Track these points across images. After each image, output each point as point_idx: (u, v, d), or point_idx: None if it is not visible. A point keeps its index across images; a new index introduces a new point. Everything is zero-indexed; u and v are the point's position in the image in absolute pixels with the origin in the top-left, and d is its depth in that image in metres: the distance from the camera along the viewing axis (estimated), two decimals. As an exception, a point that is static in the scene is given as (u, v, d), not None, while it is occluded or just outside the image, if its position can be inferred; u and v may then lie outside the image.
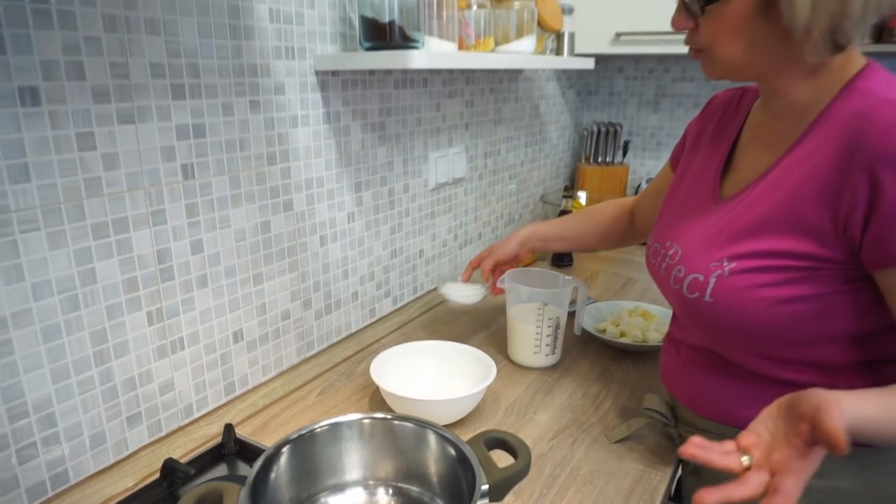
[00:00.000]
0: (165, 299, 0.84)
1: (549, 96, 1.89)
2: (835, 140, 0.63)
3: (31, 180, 0.68)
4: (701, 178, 0.82)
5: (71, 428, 0.76)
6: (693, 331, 0.80)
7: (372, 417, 0.68)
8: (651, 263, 0.86)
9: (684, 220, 0.80)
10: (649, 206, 1.04)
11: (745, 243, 0.68)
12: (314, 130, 1.03)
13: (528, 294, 1.09)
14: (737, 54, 0.67)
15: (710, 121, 0.87)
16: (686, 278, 0.74)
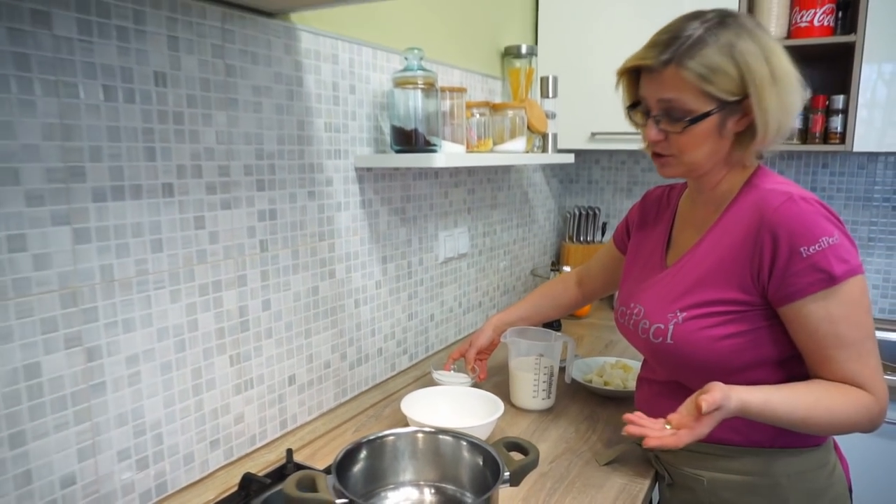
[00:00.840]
0: (242, 346, 1.06)
1: (536, 184, 2.19)
2: (744, 219, 0.89)
3: (164, 250, 0.91)
4: (651, 255, 1.08)
5: (172, 446, 0.96)
6: (660, 369, 1.03)
7: (422, 431, 0.89)
8: (620, 323, 1.09)
9: (641, 286, 1.05)
10: (597, 275, 1.32)
11: (690, 297, 0.94)
12: (353, 214, 1.29)
13: (526, 347, 1.31)
14: (699, 160, 0.90)
15: (649, 210, 1.15)
16: (651, 328, 0.98)
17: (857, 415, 0.84)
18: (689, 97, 0.86)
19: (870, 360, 0.85)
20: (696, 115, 0.86)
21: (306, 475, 0.77)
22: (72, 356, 0.81)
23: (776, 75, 0.85)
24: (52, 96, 0.76)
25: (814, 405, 0.84)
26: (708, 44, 0.84)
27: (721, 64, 0.84)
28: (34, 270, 0.76)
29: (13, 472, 0.76)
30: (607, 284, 1.33)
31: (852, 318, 0.84)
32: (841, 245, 0.83)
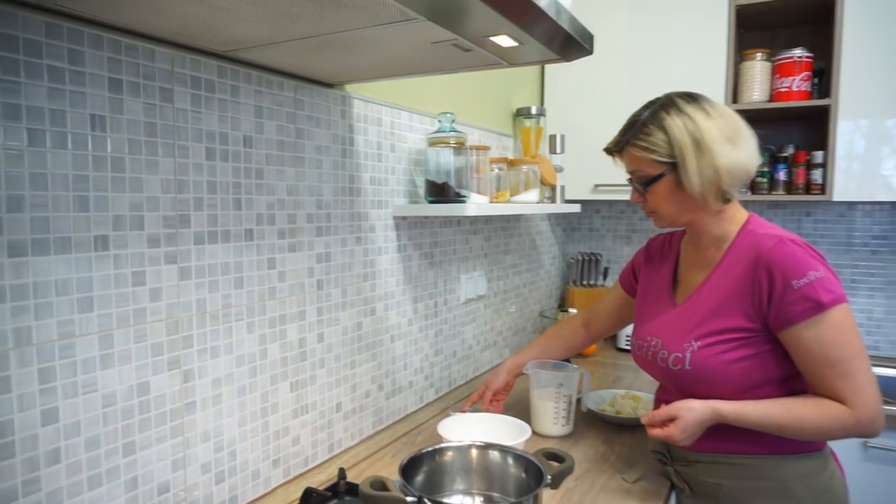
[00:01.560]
0: (301, 374, 1.19)
1: (542, 232, 2.36)
2: (743, 259, 1.07)
3: (244, 287, 1.05)
4: (660, 293, 1.24)
5: (243, 463, 1.07)
6: (676, 392, 1.15)
7: (474, 445, 1.02)
8: (638, 355, 1.24)
9: (655, 321, 1.20)
10: (604, 317, 1.48)
11: (703, 328, 1.09)
12: (391, 258, 1.44)
13: (546, 378, 1.45)
14: (672, 212, 1.11)
15: (654, 254, 1.32)
16: (670, 357, 1.13)
17: (827, 425, 1.00)
18: (644, 166, 1.10)
19: (856, 378, 0.99)
20: (651, 178, 1.09)
21: (377, 478, 0.89)
22: (172, 377, 0.94)
23: (699, 140, 1.03)
24: (169, 157, 0.91)
25: (784, 415, 1.01)
26: (648, 124, 1.08)
27: (657, 137, 1.06)
28: (150, 301, 0.90)
29: (124, 478, 0.88)
30: (614, 324, 1.48)
31: (838, 339, 0.99)
32: (826, 279, 0.99)
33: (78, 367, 0.81)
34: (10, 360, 0.74)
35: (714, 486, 1.12)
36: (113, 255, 0.85)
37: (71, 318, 0.80)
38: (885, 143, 1.86)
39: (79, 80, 0.80)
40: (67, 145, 0.79)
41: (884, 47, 1.84)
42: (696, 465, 1.15)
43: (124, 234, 0.86)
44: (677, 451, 1.20)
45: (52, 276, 0.78)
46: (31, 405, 0.77)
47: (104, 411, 0.85)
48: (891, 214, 2.16)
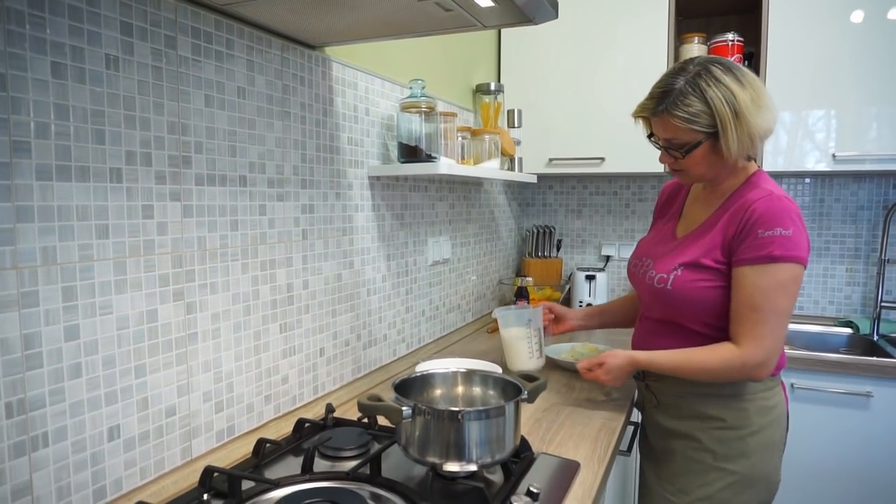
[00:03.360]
0: (289, 317, 1.27)
1: (500, 205, 2.48)
2: (736, 205, 1.19)
3: (238, 230, 1.12)
4: (665, 227, 1.39)
5: (239, 395, 1.14)
6: (657, 309, 1.31)
7: (459, 370, 1.13)
8: (633, 272, 1.39)
9: (656, 247, 1.35)
10: None
11: (688, 258, 1.23)
12: (366, 215, 1.52)
13: (515, 316, 1.55)
14: (703, 172, 1.21)
15: (666, 200, 1.45)
16: (656, 276, 1.27)
17: (715, 366, 1.17)
18: (682, 134, 1.16)
19: (762, 326, 1.12)
20: (690, 147, 1.17)
21: (373, 394, 0.99)
22: (177, 308, 1.00)
23: (738, 111, 1.11)
24: (174, 101, 0.98)
25: (682, 361, 1.21)
26: (688, 94, 1.13)
27: (700, 108, 1.12)
28: (157, 235, 0.96)
29: (136, 397, 0.94)
30: None
31: (770, 292, 1.12)
32: (791, 238, 1.11)
33: (96, 289, 0.87)
34: (38, 277, 0.80)
35: (678, 396, 1.28)
36: (126, 188, 0.91)
37: (90, 243, 0.86)
38: (807, 134, 2.06)
39: (95, 20, 0.86)
40: (86, 80, 0.85)
41: (809, 41, 2.04)
42: (665, 379, 1.30)
43: (135, 169, 0.92)
44: None
45: (74, 201, 0.84)
46: (56, 320, 0.83)
47: (118, 333, 0.91)
48: (812, 186, 2.39)
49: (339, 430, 1.20)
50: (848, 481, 1.88)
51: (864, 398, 1.84)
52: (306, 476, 1.02)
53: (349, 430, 1.19)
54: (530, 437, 1.21)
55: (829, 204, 2.38)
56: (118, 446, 0.91)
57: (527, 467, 1.06)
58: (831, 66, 2.00)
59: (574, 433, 1.24)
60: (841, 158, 2.02)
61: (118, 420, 0.91)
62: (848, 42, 1.99)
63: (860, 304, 2.36)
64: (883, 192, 2.31)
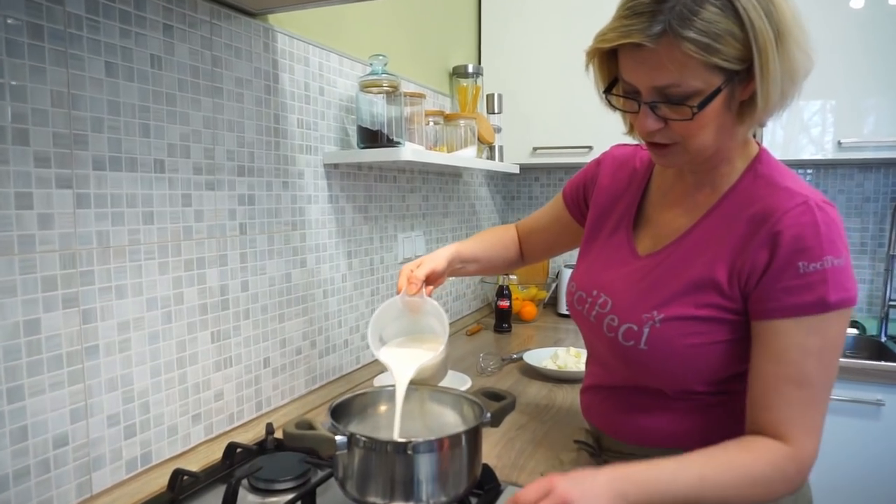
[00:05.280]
0: (223, 324, 1.10)
1: (482, 198, 2.32)
2: (745, 213, 0.78)
3: (154, 223, 0.95)
4: (617, 235, 0.94)
5: (158, 416, 0.98)
6: (622, 372, 0.90)
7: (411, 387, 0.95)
8: (576, 310, 0.96)
9: (607, 272, 0.92)
10: (539, 238, 1.18)
11: (672, 296, 0.82)
12: (321, 207, 1.36)
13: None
14: (709, 143, 0.76)
15: (614, 175, 1.00)
16: (620, 327, 0.85)
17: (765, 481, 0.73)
18: (693, 75, 0.71)
19: (817, 411, 0.75)
20: (707, 97, 0.71)
21: (303, 419, 0.82)
22: (68, 316, 0.83)
23: (781, 32, 0.70)
24: (62, 66, 0.81)
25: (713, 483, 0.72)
26: (705, 5, 0.68)
27: (725, 26, 0.68)
28: (39, 229, 0.79)
29: (10, 427, 0.77)
30: (549, 248, 1.20)
31: (825, 356, 0.74)
32: (844, 270, 0.73)
33: None
34: None
35: None
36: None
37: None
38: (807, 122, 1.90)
39: None
40: None
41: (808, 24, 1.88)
42: (630, 459, 0.82)
43: (4, 149, 0.76)
44: (607, 440, 0.98)
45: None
46: None
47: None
48: (814, 178, 2.23)
49: (277, 455, 1.04)
50: (858, 499, 1.72)
51: (875, 407, 1.68)
52: (227, 516, 0.86)
53: (288, 455, 1.03)
54: (499, 463, 1.05)
55: (833, 196, 2.21)
56: (-15, 487, 0.75)
57: (490, 502, 0.90)
58: (833, 52, 1.84)
59: (551, 457, 1.08)
60: (847, 145, 1.86)
61: (-16, 455, 0.75)
62: (850, 28, 1.82)
63: (866, 302, 2.20)
64: (891, 182, 2.15)
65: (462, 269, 1.11)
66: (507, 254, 1.20)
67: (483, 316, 2.30)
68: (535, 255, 1.22)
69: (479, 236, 1.19)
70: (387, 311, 0.96)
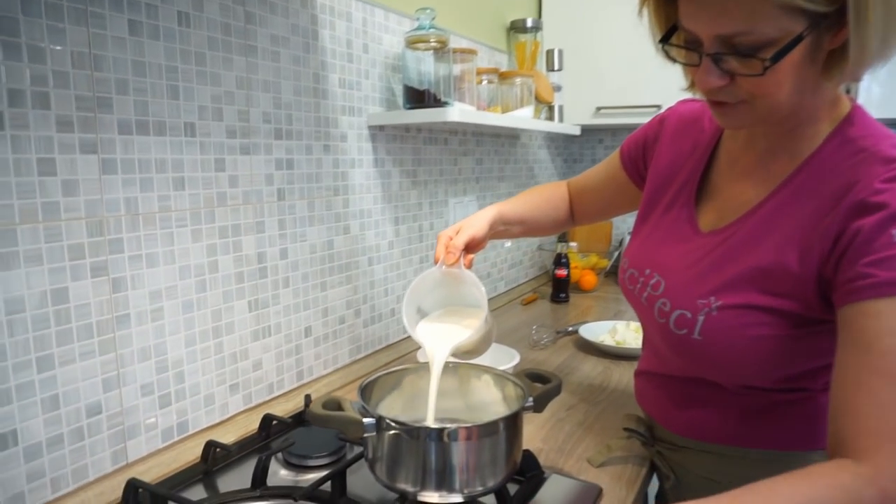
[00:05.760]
0: (261, 293, 1.07)
1: (541, 161, 2.21)
2: (829, 186, 0.66)
3: (186, 189, 0.92)
4: (675, 204, 0.84)
5: (193, 386, 0.96)
6: (675, 361, 0.81)
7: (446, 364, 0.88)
8: (628, 290, 0.88)
9: (663, 248, 0.82)
10: (592, 198, 1.08)
11: (735, 280, 0.71)
12: (366, 172, 1.30)
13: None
14: (784, 100, 0.64)
15: (678, 137, 0.88)
16: (672, 313, 0.75)
17: None
18: (766, 20, 0.59)
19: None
20: (783, 47, 0.59)
21: (331, 399, 0.78)
22: (97, 285, 0.82)
23: None
24: (82, 26, 0.77)
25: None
26: None
27: None
28: (63, 196, 0.77)
29: (41, 395, 0.76)
30: (602, 210, 1.10)
31: None
32: None
33: None
34: None
35: (707, 483, 0.82)
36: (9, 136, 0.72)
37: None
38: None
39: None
40: None
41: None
42: (685, 452, 0.85)
43: (24, 112, 0.73)
44: (661, 431, 0.91)
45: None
46: None
47: (7, 319, 0.73)
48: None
49: (313, 429, 1.01)
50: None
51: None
52: (257, 492, 0.83)
53: (324, 429, 1.00)
54: (544, 446, 0.99)
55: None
56: (16, 455, 0.75)
57: (530, 493, 0.83)
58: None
59: (600, 443, 1.00)
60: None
61: (14, 424, 0.74)
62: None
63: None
64: None
65: (505, 232, 1.02)
66: (556, 214, 1.10)
67: (540, 284, 2.21)
68: (586, 216, 1.12)
69: (526, 195, 1.09)
70: (422, 284, 0.89)
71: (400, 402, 0.90)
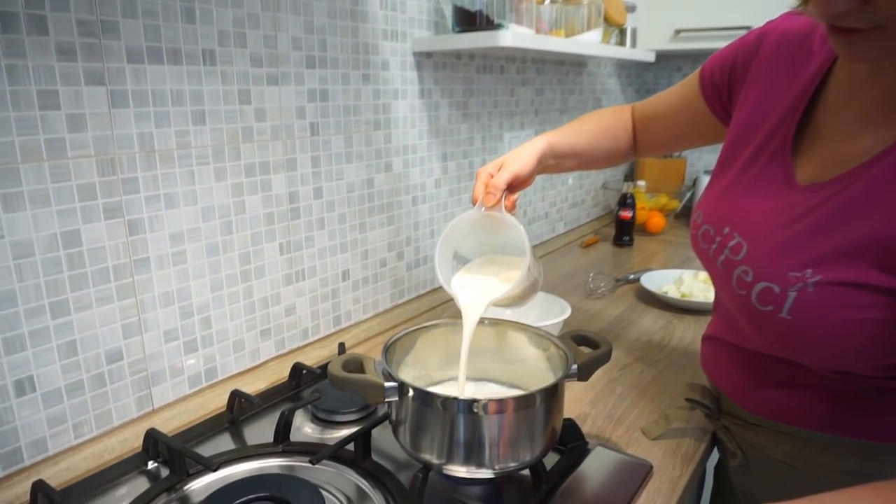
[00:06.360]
0: (293, 235, 1.01)
1: (610, 91, 2.02)
2: None
3: (206, 123, 0.85)
4: (766, 150, 0.68)
5: (221, 331, 0.93)
6: (755, 338, 0.68)
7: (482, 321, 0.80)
8: (701, 248, 0.74)
9: (747, 204, 0.67)
10: (659, 129, 0.92)
11: (840, 250, 0.56)
12: (410, 104, 1.19)
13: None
14: None
15: (779, 62, 0.70)
16: (755, 286, 0.62)
17: None
18: None
19: None
20: None
21: (353, 357, 0.71)
22: (112, 227, 0.77)
23: None
24: (77, -64, 0.69)
25: None
26: None
27: None
28: (69, 132, 0.71)
29: (56, 341, 0.74)
30: (671, 141, 0.95)
31: None
32: None
33: None
34: None
35: (783, 467, 0.72)
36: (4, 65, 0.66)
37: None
38: None
39: None
40: None
41: None
42: (757, 431, 0.74)
43: (19, 38, 0.66)
44: (729, 404, 0.80)
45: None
46: None
47: (15, 263, 0.69)
48: None
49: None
50: None
51: None
52: (279, 447, 0.79)
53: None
54: (592, 411, 0.90)
55: None
56: (34, 401, 0.73)
57: (570, 467, 0.76)
58: None
59: (655, 410, 0.91)
60: None
61: (30, 370, 0.72)
62: None
63: None
64: None
65: (556, 166, 0.89)
66: (616, 145, 0.95)
67: (603, 225, 2.07)
68: (652, 146, 0.96)
69: (580, 123, 0.94)
70: (457, 229, 0.78)
71: (434, 358, 0.83)
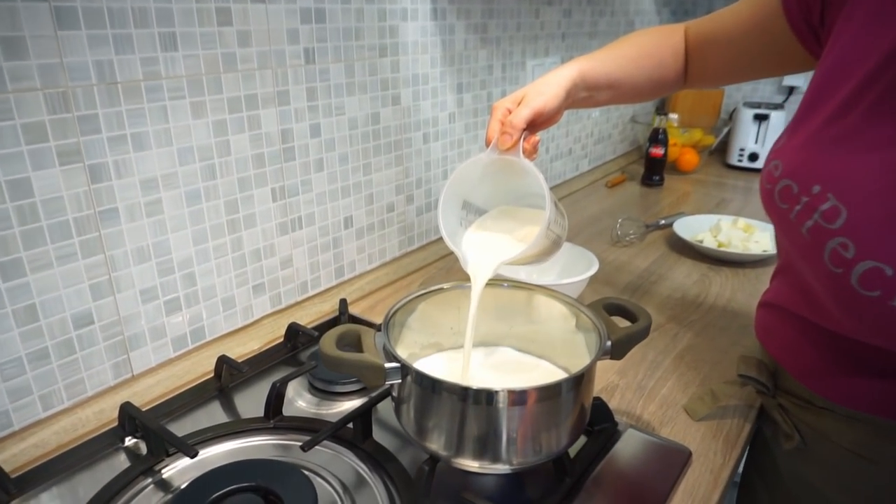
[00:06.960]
0: (287, 179, 0.89)
1: (644, 13, 1.82)
2: None
3: (178, 49, 0.72)
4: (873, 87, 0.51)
5: (207, 288, 0.83)
6: (846, 322, 0.55)
7: (497, 284, 0.71)
8: (779, 209, 0.57)
9: (845, 155, 0.51)
10: (720, 54, 0.75)
11: None
12: (422, 26, 1.04)
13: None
14: None
15: None
16: (857, 264, 0.49)
17: None
18: None
19: None
20: None
21: (350, 330, 0.61)
22: (69, 174, 0.66)
23: None
24: None
25: None
26: None
27: None
28: (5, 60, 0.59)
29: (11, 307, 0.64)
30: (735, 71, 0.77)
31: None
32: None
33: None
34: None
35: (853, 457, 0.63)
36: None
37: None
38: None
39: None
40: None
41: None
42: (823, 414, 0.64)
43: (-71, -60, 0.53)
44: (790, 383, 0.69)
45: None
46: None
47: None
48: None
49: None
50: None
51: None
52: (270, 423, 0.71)
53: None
54: (621, 382, 0.81)
55: None
56: None
57: (597, 455, 0.67)
58: None
59: (694, 381, 0.81)
60: None
61: (-19, 340, 0.63)
62: None
63: None
64: None
65: (588, 100, 0.74)
66: (662, 73, 0.77)
67: (630, 163, 1.93)
68: (708, 76, 0.78)
69: (618, 47, 0.77)
70: (466, 174, 0.66)
71: (445, 322, 0.73)
